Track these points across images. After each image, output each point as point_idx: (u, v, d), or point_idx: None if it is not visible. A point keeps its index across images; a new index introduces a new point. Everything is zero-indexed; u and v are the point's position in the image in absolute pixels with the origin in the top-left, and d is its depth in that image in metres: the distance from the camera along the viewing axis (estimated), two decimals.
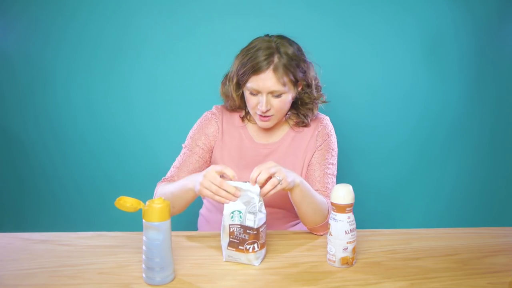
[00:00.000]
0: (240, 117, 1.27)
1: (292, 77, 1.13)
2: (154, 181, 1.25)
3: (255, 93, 1.13)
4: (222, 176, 0.96)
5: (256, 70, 1.10)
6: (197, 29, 1.71)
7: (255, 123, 1.26)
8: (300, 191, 1.04)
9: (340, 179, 1.23)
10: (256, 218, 0.92)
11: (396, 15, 1.72)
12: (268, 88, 1.11)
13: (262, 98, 1.12)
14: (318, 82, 1.24)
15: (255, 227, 0.92)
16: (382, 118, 1.79)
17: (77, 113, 1.76)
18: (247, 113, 1.27)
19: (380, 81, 1.76)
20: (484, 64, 1.77)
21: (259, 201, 0.93)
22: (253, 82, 1.12)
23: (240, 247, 0.93)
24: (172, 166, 1.25)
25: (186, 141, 1.26)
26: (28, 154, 1.79)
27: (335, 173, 1.24)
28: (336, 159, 1.26)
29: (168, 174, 1.23)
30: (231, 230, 0.93)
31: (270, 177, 0.95)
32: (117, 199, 0.85)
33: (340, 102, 1.75)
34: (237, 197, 0.94)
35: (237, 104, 1.23)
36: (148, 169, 1.77)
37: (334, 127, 1.30)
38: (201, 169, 1.22)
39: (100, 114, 1.76)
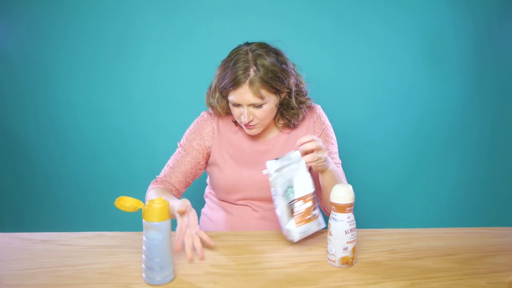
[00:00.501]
0: (233, 121, 1.28)
1: (270, 88, 1.13)
2: None
3: (237, 105, 1.15)
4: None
5: (233, 85, 1.11)
6: (197, 29, 1.71)
7: None
8: (330, 177, 1.08)
9: None
10: (309, 182, 0.97)
11: (396, 15, 1.72)
12: (247, 101, 1.12)
13: (244, 110, 1.13)
14: (302, 87, 1.22)
15: (312, 190, 0.98)
16: (382, 118, 1.79)
17: (77, 113, 1.76)
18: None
19: (380, 81, 1.76)
20: (484, 64, 1.77)
21: (304, 164, 0.98)
22: (233, 96, 1.13)
23: (307, 217, 0.96)
24: (166, 164, 1.26)
25: (182, 140, 1.28)
26: (28, 154, 1.79)
27: (340, 161, 1.27)
28: (337, 146, 1.28)
29: (162, 174, 1.25)
30: (291, 208, 0.96)
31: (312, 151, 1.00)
32: (117, 199, 0.85)
33: (340, 102, 1.76)
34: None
35: (222, 115, 1.25)
36: (148, 169, 1.75)
37: (334, 127, 1.31)
38: (193, 170, 1.24)
39: (101, 114, 1.76)
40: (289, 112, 1.22)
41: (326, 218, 1.17)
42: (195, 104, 1.44)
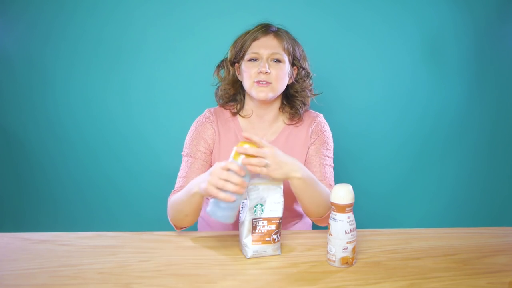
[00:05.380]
0: (232, 112, 1.27)
1: (291, 50, 1.19)
2: (154, 180, 1.24)
3: (256, 58, 1.17)
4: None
5: (256, 36, 1.18)
6: (197, 28, 1.71)
7: (249, 116, 1.25)
8: (301, 184, 1.02)
9: (340, 179, 1.22)
10: (280, 207, 0.96)
11: (396, 15, 1.72)
12: (270, 49, 1.16)
13: (263, 62, 1.16)
14: (308, 73, 1.27)
15: (280, 215, 0.96)
16: (382, 118, 1.79)
17: (76, 113, 1.76)
18: (240, 108, 1.27)
19: (380, 81, 1.76)
20: (484, 64, 1.77)
21: (282, 189, 0.97)
22: (254, 48, 1.18)
23: (267, 238, 0.95)
24: (178, 176, 1.21)
25: (185, 149, 1.23)
26: (28, 154, 1.79)
27: (333, 164, 1.25)
28: (332, 152, 1.27)
29: (177, 185, 1.20)
30: (253, 225, 0.95)
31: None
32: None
33: (340, 102, 1.76)
34: (244, 187, 0.91)
35: (233, 80, 1.24)
36: (148, 168, 1.77)
37: (333, 127, 1.30)
38: None
39: (100, 113, 1.76)
40: (300, 94, 1.24)
41: (316, 226, 1.17)
42: (195, 104, 1.44)
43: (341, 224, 0.90)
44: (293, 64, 1.22)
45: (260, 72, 1.14)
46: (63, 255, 0.97)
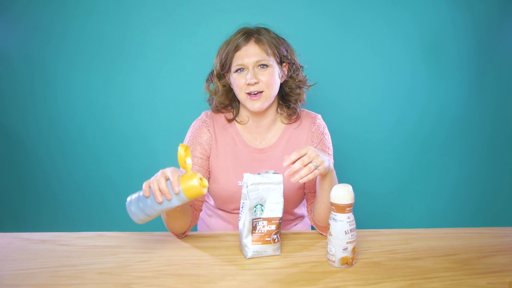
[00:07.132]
0: (227, 119, 1.25)
1: (275, 51, 1.16)
2: None
3: (242, 68, 1.15)
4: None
5: (238, 46, 1.15)
6: (197, 29, 1.71)
7: (245, 123, 1.24)
8: (331, 179, 1.04)
9: (339, 179, 1.22)
10: (279, 207, 0.96)
11: (396, 15, 1.72)
12: (254, 57, 1.13)
13: (249, 71, 1.14)
14: (299, 66, 1.24)
15: (280, 215, 0.96)
16: (382, 118, 1.79)
17: (77, 113, 1.76)
18: (236, 114, 1.25)
19: (380, 81, 1.76)
20: (484, 64, 1.77)
21: (282, 188, 0.97)
22: (238, 59, 1.15)
23: (266, 239, 0.96)
24: None
25: None
26: (28, 154, 1.79)
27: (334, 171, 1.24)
28: (333, 156, 1.26)
29: None
30: (253, 225, 0.95)
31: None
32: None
33: (340, 102, 1.76)
34: (167, 197, 0.88)
35: (226, 90, 1.22)
36: (149, 169, 1.75)
37: (333, 126, 1.30)
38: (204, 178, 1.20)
39: (101, 114, 1.76)
40: (293, 92, 1.22)
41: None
42: (195, 104, 1.44)
43: (341, 224, 0.90)
44: (282, 62, 1.20)
45: (249, 83, 1.13)
46: (63, 255, 0.98)
